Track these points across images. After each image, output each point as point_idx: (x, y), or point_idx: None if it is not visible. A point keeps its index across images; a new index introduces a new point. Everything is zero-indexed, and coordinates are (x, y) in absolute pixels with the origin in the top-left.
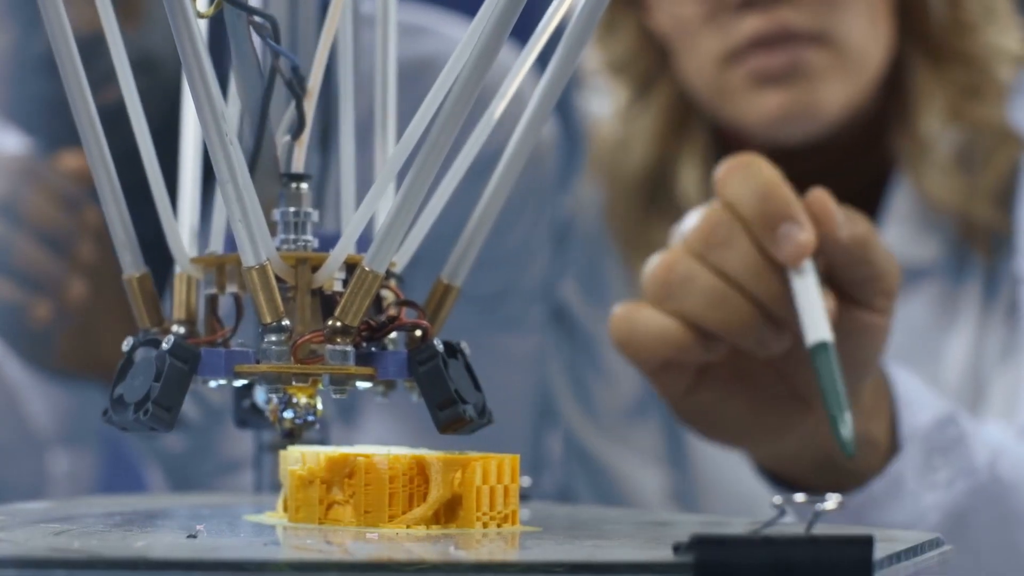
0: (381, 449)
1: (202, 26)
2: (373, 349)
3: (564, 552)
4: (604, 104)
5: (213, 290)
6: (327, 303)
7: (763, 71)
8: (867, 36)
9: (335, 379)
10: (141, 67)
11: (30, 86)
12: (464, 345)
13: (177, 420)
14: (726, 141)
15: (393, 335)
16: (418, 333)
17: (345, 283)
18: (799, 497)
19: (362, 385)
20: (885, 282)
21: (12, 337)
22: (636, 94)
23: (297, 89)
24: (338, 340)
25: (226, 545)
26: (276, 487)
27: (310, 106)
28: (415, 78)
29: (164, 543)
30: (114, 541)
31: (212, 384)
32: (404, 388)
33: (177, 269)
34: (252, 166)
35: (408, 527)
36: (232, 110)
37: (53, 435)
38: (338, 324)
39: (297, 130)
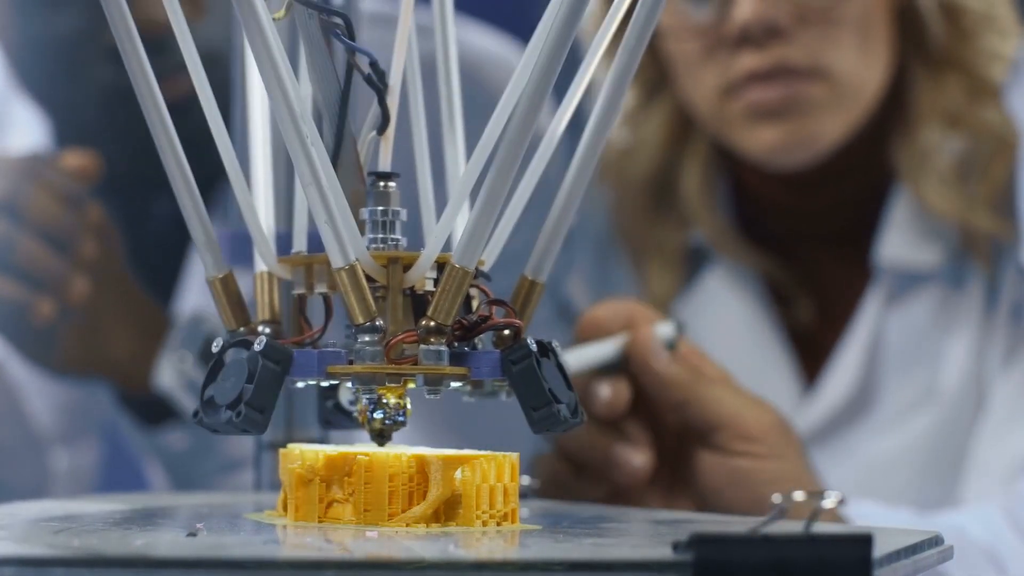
0: (381, 448)
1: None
2: (465, 349)
3: (563, 550)
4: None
5: (301, 290)
6: (418, 303)
7: (760, 105)
8: (861, 66)
9: (429, 379)
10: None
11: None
12: (556, 344)
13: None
14: (726, 148)
15: (481, 335)
16: (507, 332)
17: (436, 283)
18: (799, 495)
19: (454, 385)
20: (738, 427)
21: (15, 336)
22: (643, 101)
23: (379, 84)
24: (432, 340)
25: (226, 543)
26: (276, 486)
27: (393, 102)
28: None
29: (164, 541)
30: (114, 539)
31: (300, 384)
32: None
33: (258, 268)
34: (334, 165)
35: (407, 525)
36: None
37: (54, 433)
38: (432, 324)
39: (382, 126)
